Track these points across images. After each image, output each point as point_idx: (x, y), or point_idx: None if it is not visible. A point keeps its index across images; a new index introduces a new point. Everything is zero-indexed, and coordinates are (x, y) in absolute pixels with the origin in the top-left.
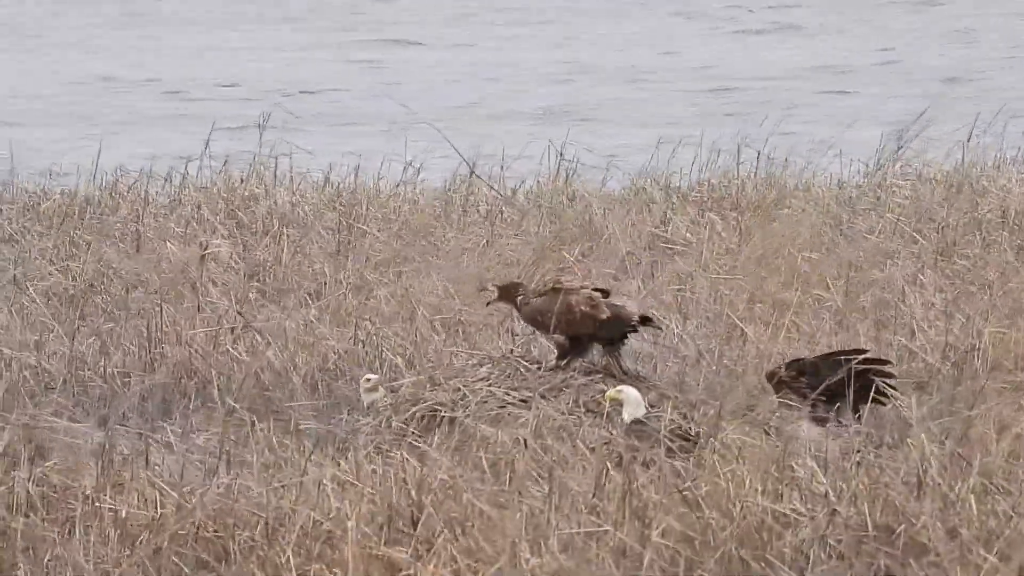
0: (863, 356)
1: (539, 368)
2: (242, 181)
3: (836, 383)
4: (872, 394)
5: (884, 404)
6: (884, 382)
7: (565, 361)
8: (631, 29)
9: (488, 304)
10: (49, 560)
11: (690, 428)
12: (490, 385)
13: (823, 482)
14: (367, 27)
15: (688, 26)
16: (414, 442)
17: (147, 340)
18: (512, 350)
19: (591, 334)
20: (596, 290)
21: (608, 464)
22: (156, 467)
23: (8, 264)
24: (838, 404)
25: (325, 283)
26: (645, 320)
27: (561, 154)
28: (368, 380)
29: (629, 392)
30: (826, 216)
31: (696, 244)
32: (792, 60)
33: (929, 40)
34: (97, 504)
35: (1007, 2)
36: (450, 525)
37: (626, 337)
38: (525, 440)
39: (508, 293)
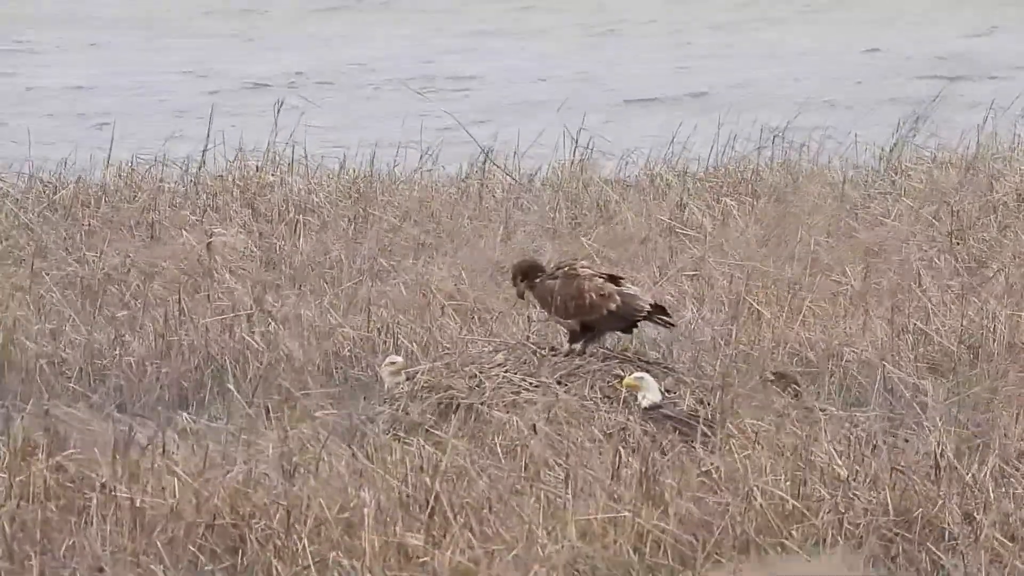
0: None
1: (555, 354)
2: (257, 169)
3: None
4: None
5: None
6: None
7: (578, 346)
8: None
9: (520, 296)
10: (65, 549)
11: (707, 413)
12: (506, 371)
13: (841, 466)
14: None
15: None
16: (431, 429)
17: (163, 329)
18: (528, 336)
19: (601, 321)
20: (610, 277)
21: (624, 450)
22: (172, 456)
23: (25, 253)
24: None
25: (341, 270)
26: (658, 309)
27: (576, 141)
28: (393, 363)
29: (646, 378)
30: (842, 200)
31: (712, 229)
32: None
33: (947, 27)
34: (113, 493)
35: None
36: (465, 511)
37: (636, 325)
38: (535, 426)
39: (526, 273)
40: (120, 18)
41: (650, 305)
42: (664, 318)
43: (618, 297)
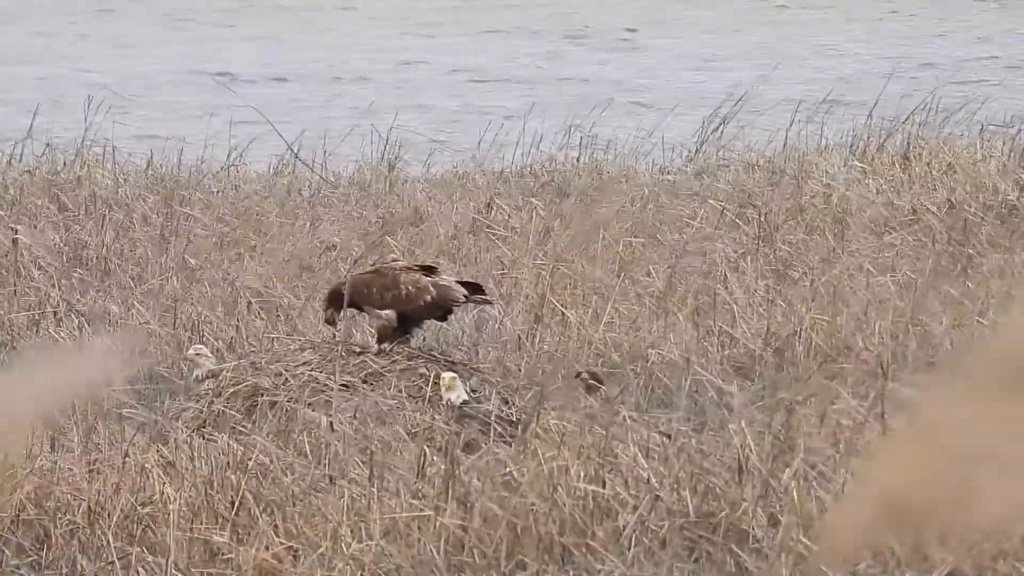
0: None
1: (362, 353)
2: (65, 164)
3: None
4: None
5: None
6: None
7: (386, 345)
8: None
9: (330, 323)
10: None
11: (512, 413)
12: (312, 370)
13: (645, 467)
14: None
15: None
16: (237, 426)
17: None
18: (334, 335)
19: (419, 311)
20: (423, 267)
21: (429, 449)
22: None
23: None
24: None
25: (148, 267)
26: (474, 289)
27: (386, 140)
28: (199, 352)
29: (453, 377)
30: (648, 202)
31: (519, 229)
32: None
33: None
34: None
35: None
36: (269, 509)
37: (452, 312)
38: (332, 424)
39: (335, 297)
40: None
41: (464, 292)
42: (482, 297)
43: (433, 289)
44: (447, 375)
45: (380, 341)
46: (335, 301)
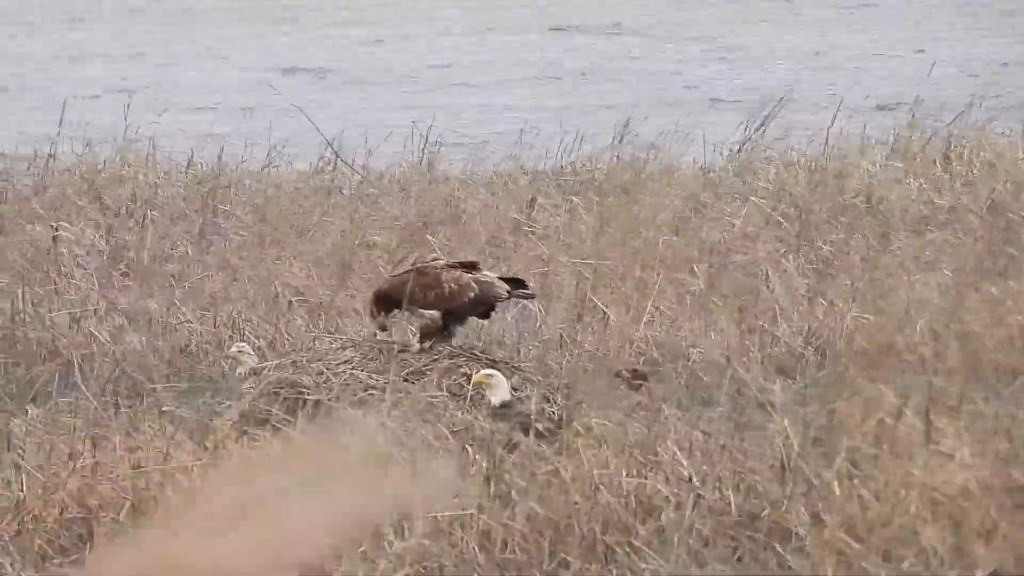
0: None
1: (404, 351)
2: (105, 163)
3: None
4: None
5: None
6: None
7: (427, 343)
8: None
9: (382, 328)
10: None
11: (553, 412)
12: (353, 368)
13: (687, 466)
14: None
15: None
16: (278, 425)
17: (10, 322)
18: (375, 334)
19: (464, 307)
20: (463, 264)
21: (471, 447)
22: (20, 450)
23: None
24: None
25: (188, 265)
26: (516, 284)
27: (427, 139)
28: (240, 350)
29: (495, 376)
30: (690, 200)
31: (559, 227)
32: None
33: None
34: None
35: None
36: None
37: (495, 308)
38: (384, 423)
39: (380, 299)
40: None
41: (507, 288)
42: (524, 291)
43: (475, 285)
44: (479, 375)
45: (423, 339)
46: (381, 304)
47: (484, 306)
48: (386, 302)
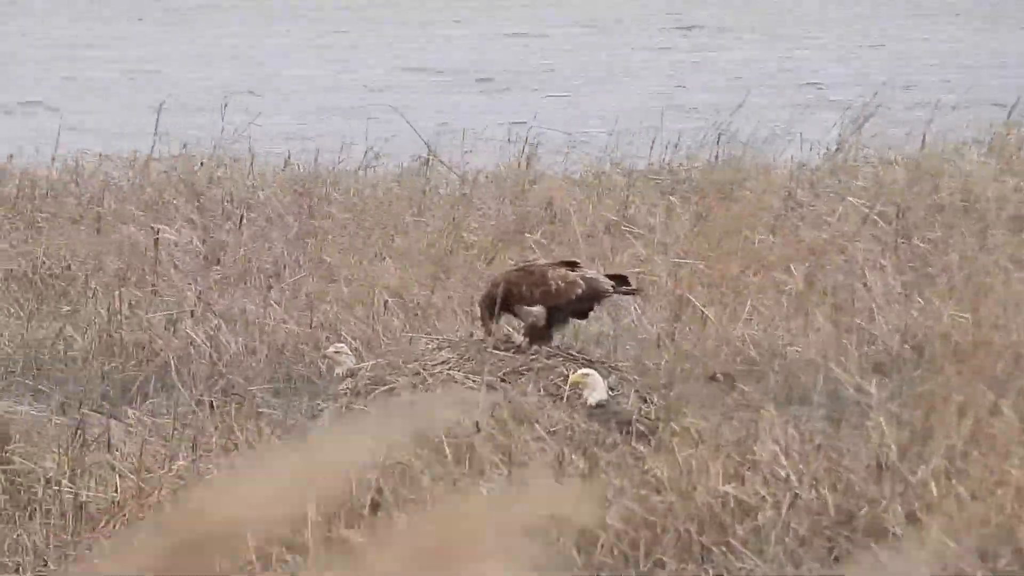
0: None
1: (505, 347)
2: (202, 164)
3: None
4: None
5: None
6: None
7: (525, 342)
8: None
9: (490, 334)
10: (9, 543)
11: (650, 411)
12: (450, 369)
13: (784, 465)
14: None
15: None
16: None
17: (107, 323)
18: (472, 333)
19: (571, 304)
20: (565, 263)
21: (567, 447)
22: (117, 451)
23: None
24: None
25: (285, 266)
26: (620, 280)
27: (527, 139)
28: (338, 351)
29: (592, 376)
30: (786, 199)
31: (656, 227)
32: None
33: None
34: (58, 488)
35: None
36: (408, 509)
37: (593, 308)
38: (477, 423)
39: (489, 303)
40: None
41: (612, 284)
42: (628, 288)
43: (582, 282)
44: (576, 375)
45: (531, 339)
46: (490, 307)
47: (591, 301)
48: (493, 305)
